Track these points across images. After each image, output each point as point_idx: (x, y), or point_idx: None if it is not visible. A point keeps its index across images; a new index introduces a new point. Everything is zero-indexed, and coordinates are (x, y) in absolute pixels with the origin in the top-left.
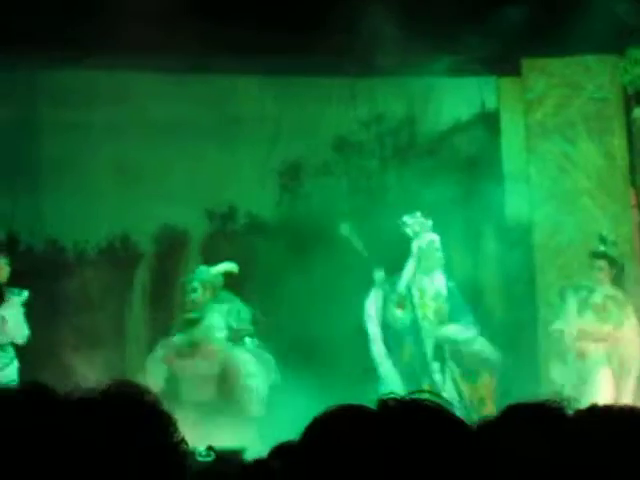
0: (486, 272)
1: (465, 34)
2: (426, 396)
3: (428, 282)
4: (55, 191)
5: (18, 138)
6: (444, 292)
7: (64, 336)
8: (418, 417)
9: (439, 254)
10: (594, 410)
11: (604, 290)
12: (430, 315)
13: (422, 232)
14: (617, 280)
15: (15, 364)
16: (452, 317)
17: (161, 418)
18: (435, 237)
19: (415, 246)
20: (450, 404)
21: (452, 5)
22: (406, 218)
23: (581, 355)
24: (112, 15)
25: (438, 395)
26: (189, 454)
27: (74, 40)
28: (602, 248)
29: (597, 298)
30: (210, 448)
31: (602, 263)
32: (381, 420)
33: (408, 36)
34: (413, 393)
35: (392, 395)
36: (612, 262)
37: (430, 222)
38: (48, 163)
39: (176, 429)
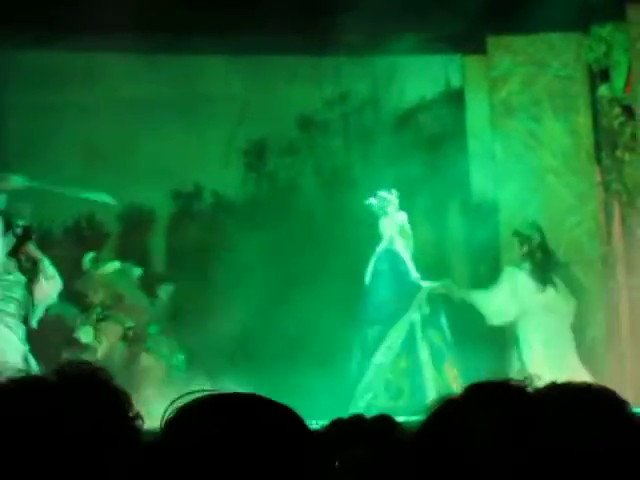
0: (451, 250)
1: (430, 12)
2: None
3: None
4: (22, 171)
5: None
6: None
7: None
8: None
9: (409, 235)
10: (554, 387)
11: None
12: None
13: (392, 211)
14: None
15: None
16: None
17: (116, 395)
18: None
19: (387, 224)
20: None
21: None
22: (377, 196)
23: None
24: None
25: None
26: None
27: (43, 21)
28: (526, 231)
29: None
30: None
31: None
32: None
33: (373, 14)
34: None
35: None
36: (530, 244)
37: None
38: (15, 143)
39: (131, 405)
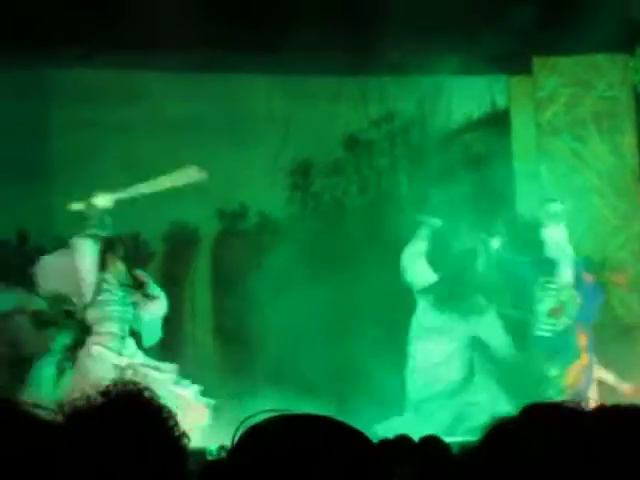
0: (497, 271)
1: (476, 32)
2: None
3: None
4: (66, 190)
5: (30, 136)
6: None
7: None
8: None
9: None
10: (605, 410)
11: None
12: None
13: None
14: None
15: None
16: None
17: (160, 413)
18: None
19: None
20: None
21: (464, 3)
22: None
23: None
24: (125, 14)
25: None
26: (197, 452)
27: (86, 38)
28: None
29: None
30: (222, 447)
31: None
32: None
33: (419, 35)
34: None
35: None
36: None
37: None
38: (59, 161)
39: (176, 423)
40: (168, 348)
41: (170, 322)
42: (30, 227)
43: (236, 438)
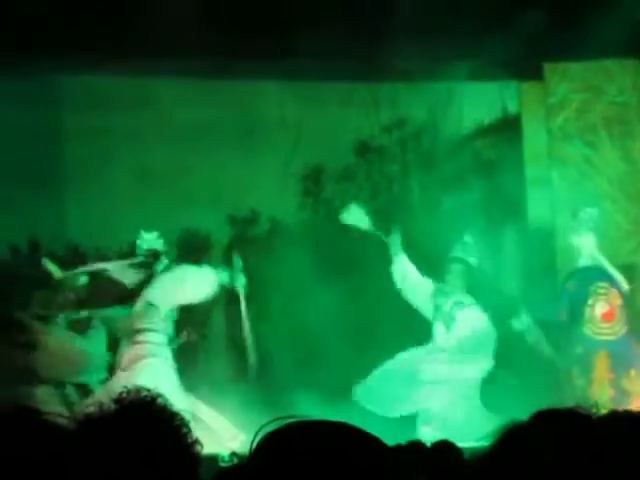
0: (508, 276)
1: (487, 38)
2: None
3: None
4: (77, 196)
5: (41, 143)
6: None
7: None
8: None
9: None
10: (615, 415)
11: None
12: None
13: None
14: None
15: None
16: None
17: (173, 421)
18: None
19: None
20: None
21: (473, 9)
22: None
23: None
24: (134, 21)
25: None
26: (209, 458)
27: (96, 45)
28: (459, 253)
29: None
30: (234, 454)
31: (456, 267)
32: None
33: (430, 41)
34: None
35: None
36: (468, 268)
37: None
38: (70, 168)
39: (189, 431)
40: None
41: None
42: (42, 234)
43: (254, 444)
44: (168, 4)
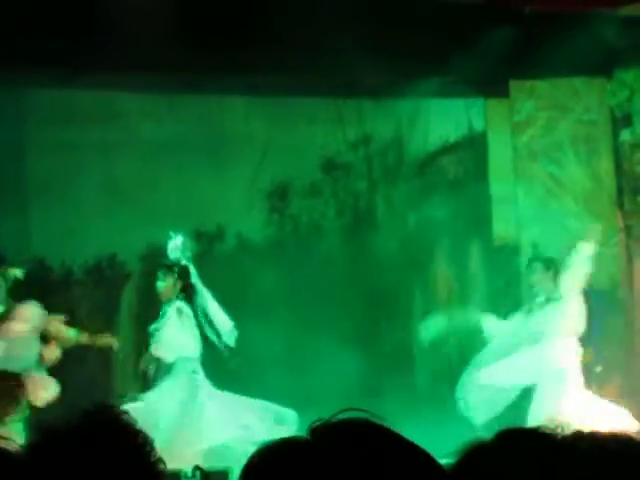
0: (472, 293)
1: (453, 56)
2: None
3: None
4: (42, 210)
5: (5, 157)
6: None
7: None
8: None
9: None
10: (581, 436)
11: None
12: None
13: None
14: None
15: None
16: None
17: (136, 438)
18: None
19: None
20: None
21: (440, 26)
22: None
23: None
24: (101, 35)
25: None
26: (172, 474)
27: (62, 59)
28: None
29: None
30: (198, 468)
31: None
32: (313, 450)
33: (395, 57)
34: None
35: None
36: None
37: None
38: (36, 182)
39: (152, 449)
40: None
41: None
42: (7, 247)
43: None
44: (136, 19)
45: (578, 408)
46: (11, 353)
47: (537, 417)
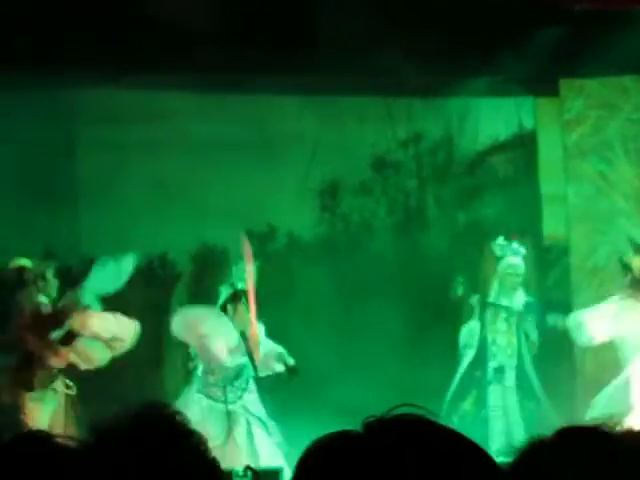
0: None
1: (502, 54)
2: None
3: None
4: (93, 210)
5: (57, 157)
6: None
7: None
8: (403, 435)
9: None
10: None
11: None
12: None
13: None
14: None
15: None
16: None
17: (192, 437)
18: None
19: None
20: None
21: (489, 25)
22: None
23: None
24: (151, 34)
25: (421, 407)
26: (224, 473)
27: (111, 59)
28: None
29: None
30: (248, 468)
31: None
32: (367, 444)
33: (446, 56)
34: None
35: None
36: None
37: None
38: (86, 182)
39: (207, 448)
40: None
41: None
42: (57, 247)
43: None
44: (185, 18)
45: None
46: None
47: None
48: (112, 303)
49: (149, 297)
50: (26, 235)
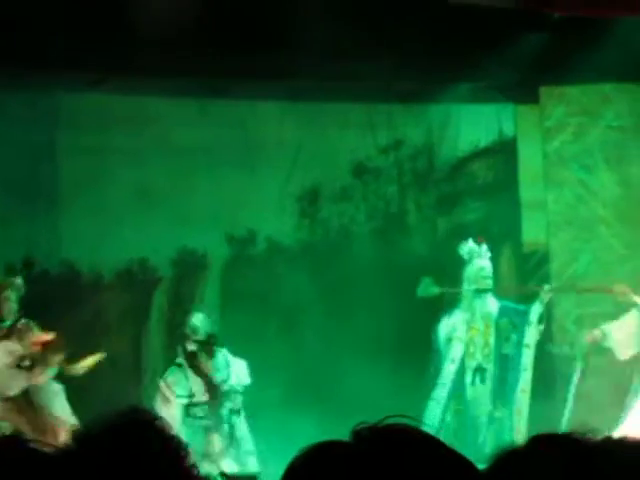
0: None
1: (484, 61)
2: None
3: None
4: (73, 214)
5: (38, 161)
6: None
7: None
8: (392, 444)
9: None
10: (612, 442)
11: None
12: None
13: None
14: None
15: None
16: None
17: (172, 443)
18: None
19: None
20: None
21: (471, 33)
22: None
23: None
24: (133, 39)
25: (413, 418)
26: (202, 479)
27: (94, 64)
28: None
29: None
30: (223, 474)
31: None
32: (357, 452)
33: (427, 63)
34: (387, 418)
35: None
36: None
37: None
38: (67, 186)
39: (187, 453)
40: None
41: None
42: (36, 252)
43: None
44: (168, 23)
45: None
46: None
47: None
48: (90, 308)
49: (129, 302)
50: (5, 239)
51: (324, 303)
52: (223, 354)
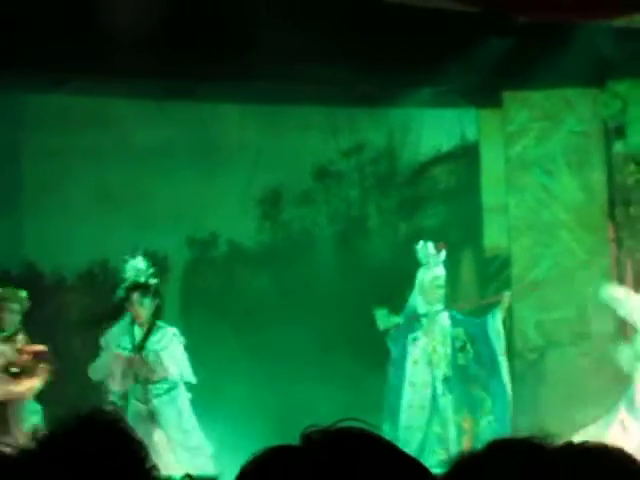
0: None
1: (446, 65)
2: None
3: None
4: (34, 215)
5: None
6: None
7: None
8: (344, 447)
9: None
10: (572, 447)
11: None
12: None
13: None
14: None
15: None
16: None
17: (132, 445)
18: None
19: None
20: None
21: (433, 36)
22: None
23: None
24: (94, 40)
25: (364, 421)
26: None
27: (55, 65)
28: None
29: None
30: (187, 475)
31: None
32: (308, 457)
33: (388, 66)
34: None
35: (315, 428)
36: None
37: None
38: (28, 187)
39: (147, 455)
40: None
41: None
42: None
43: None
44: (132, 25)
45: None
46: None
47: None
48: (51, 309)
49: (89, 303)
50: None
51: (285, 306)
52: (169, 335)
